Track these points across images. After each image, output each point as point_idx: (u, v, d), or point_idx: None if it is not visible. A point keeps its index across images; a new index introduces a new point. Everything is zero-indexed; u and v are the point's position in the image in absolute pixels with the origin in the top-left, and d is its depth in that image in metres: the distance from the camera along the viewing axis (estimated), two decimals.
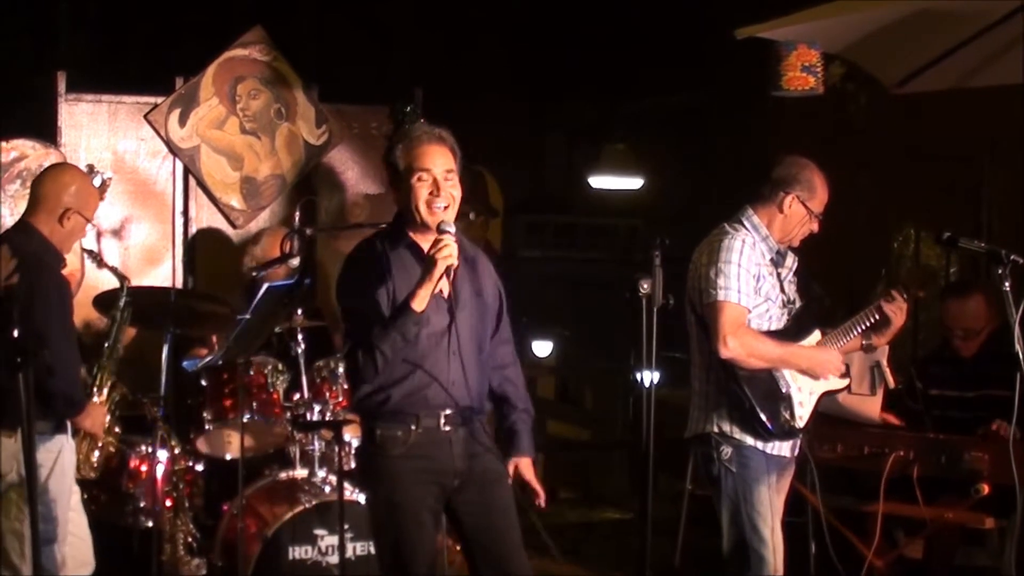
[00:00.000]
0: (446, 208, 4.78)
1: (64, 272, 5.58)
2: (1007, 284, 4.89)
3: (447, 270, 4.62)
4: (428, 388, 4.79)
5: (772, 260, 5.37)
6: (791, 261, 5.48)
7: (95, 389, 5.86)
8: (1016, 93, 6.74)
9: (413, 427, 4.78)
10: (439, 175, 4.79)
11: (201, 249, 7.95)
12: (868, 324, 5.52)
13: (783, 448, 5.32)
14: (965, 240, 5.17)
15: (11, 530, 5.40)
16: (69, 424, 5.50)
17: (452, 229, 4.70)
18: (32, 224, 5.52)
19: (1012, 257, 4.91)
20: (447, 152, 4.84)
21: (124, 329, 5.96)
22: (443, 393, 4.79)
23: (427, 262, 4.66)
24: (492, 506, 4.89)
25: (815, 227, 5.40)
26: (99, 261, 6.23)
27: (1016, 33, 6.17)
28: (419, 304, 4.64)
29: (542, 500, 5.04)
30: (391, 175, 4.94)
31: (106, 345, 5.94)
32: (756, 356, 5.20)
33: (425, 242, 4.80)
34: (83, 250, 5.84)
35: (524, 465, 5.01)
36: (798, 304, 5.47)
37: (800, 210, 5.34)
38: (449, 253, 4.62)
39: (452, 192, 4.80)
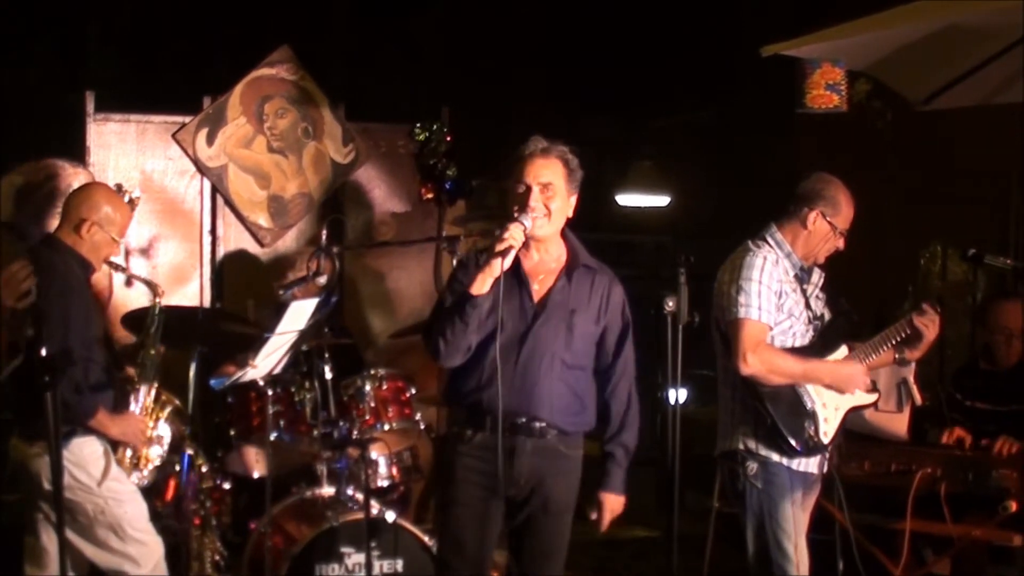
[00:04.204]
0: (535, 219, 4.85)
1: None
2: None
3: (502, 252, 4.70)
4: (495, 393, 4.82)
5: (796, 276, 5.36)
6: (817, 277, 5.47)
7: (132, 399, 5.90)
8: None
9: (481, 428, 4.89)
10: (535, 188, 4.86)
11: (229, 268, 7.97)
12: (900, 338, 5.49)
13: (810, 464, 5.31)
14: (991, 257, 5.18)
15: (80, 531, 5.60)
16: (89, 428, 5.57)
17: (527, 221, 4.79)
18: (56, 236, 5.68)
19: None
20: (548, 164, 4.90)
21: (158, 337, 5.98)
22: (510, 400, 4.84)
23: (489, 248, 4.78)
24: (540, 538, 5.04)
25: (840, 244, 5.38)
26: (124, 271, 6.26)
27: None
28: (476, 288, 4.76)
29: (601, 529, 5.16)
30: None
31: (140, 355, 5.98)
32: (777, 372, 5.19)
33: (522, 256, 4.91)
34: (109, 263, 5.87)
35: (603, 500, 5.10)
36: (826, 319, 5.46)
37: (824, 226, 5.33)
38: (506, 237, 4.71)
39: (548, 205, 4.87)
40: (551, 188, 4.87)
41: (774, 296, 5.23)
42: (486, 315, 4.81)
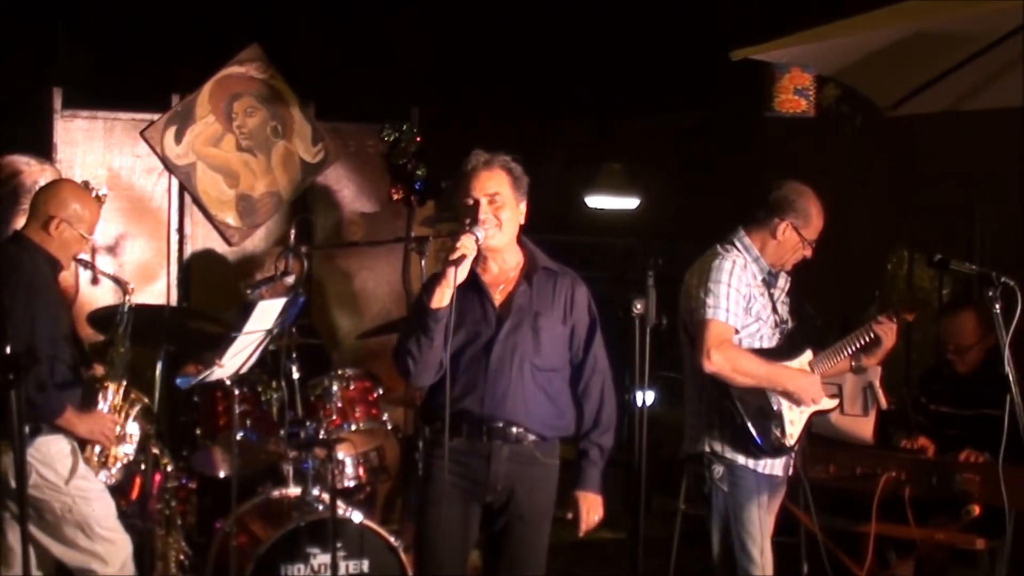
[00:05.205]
0: (487, 230, 4.88)
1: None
2: (997, 306, 4.90)
3: (454, 261, 4.71)
4: (469, 400, 4.91)
5: (764, 281, 5.39)
6: (783, 282, 5.51)
7: (100, 398, 5.87)
8: (1009, 115, 6.75)
9: (458, 433, 4.89)
10: (483, 200, 4.89)
11: (196, 267, 7.94)
12: (860, 344, 5.53)
13: (775, 467, 5.33)
14: (956, 262, 5.19)
15: (47, 530, 5.59)
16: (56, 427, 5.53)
17: (479, 232, 4.82)
18: (24, 234, 5.66)
19: (1003, 279, 4.92)
20: (492, 175, 4.94)
21: (128, 335, 5.94)
22: (481, 406, 4.91)
23: (446, 261, 4.79)
24: (517, 546, 5.04)
25: (808, 254, 5.41)
26: (91, 267, 6.22)
27: (1010, 56, 6.18)
28: (435, 302, 4.78)
29: (579, 532, 5.16)
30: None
31: (110, 353, 5.94)
32: (740, 372, 5.21)
33: (481, 269, 4.96)
34: (77, 261, 5.85)
35: (579, 499, 5.10)
36: (791, 324, 5.49)
37: (793, 237, 5.35)
38: (458, 246, 4.74)
39: (498, 215, 4.91)
40: (498, 198, 4.91)
41: (742, 300, 5.26)
42: (454, 331, 4.82)
